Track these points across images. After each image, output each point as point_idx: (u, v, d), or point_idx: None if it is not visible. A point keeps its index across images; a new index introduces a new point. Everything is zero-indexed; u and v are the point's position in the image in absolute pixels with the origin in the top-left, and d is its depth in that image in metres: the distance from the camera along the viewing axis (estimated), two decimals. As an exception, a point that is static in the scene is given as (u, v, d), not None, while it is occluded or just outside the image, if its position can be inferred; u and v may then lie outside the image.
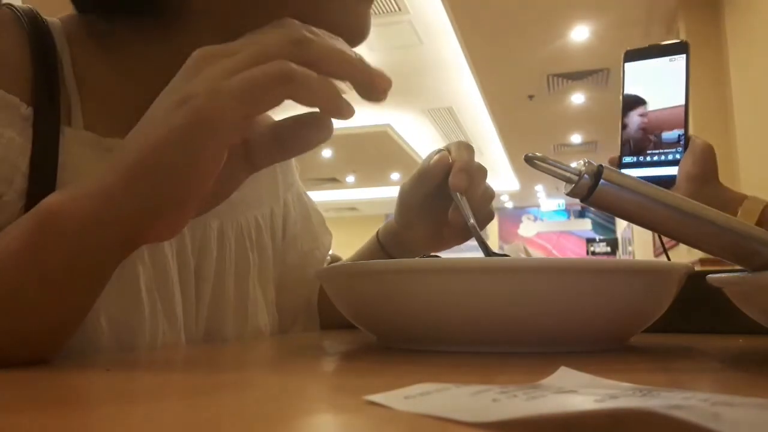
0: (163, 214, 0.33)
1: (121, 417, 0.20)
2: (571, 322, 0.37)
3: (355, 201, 11.29)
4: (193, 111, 0.32)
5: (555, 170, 0.37)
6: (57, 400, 0.24)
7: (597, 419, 0.17)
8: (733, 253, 0.36)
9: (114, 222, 0.33)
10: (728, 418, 0.14)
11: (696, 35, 3.54)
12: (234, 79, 0.32)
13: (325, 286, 0.45)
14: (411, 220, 0.65)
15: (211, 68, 0.33)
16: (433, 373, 0.31)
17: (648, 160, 0.70)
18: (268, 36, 0.34)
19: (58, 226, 0.32)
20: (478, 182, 0.58)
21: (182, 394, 0.25)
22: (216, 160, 0.33)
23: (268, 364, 0.40)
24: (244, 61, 0.33)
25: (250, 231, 0.59)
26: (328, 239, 0.73)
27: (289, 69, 0.32)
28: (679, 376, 0.30)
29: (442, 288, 0.36)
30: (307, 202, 0.71)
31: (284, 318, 0.65)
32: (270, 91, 0.32)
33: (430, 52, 4.96)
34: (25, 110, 0.42)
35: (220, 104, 0.32)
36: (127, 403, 0.23)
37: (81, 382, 0.30)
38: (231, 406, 0.21)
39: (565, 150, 7.57)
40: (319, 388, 0.28)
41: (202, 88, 0.32)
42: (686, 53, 0.69)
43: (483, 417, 0.16)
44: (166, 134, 0.32)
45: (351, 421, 0.19)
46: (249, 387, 0.27)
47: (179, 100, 0.32)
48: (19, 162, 0.41)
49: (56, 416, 0.19)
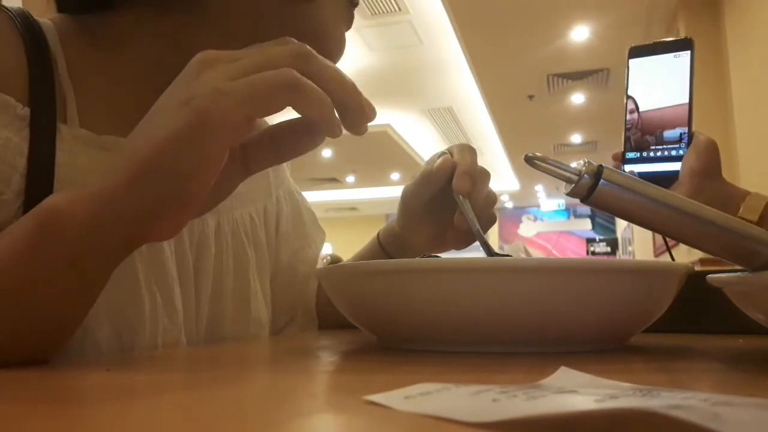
0: (165, 215, 0.33)
1: (121, 417, 0.20)
2: (571, 322, 0.37)
3: (355, 201, 11.28)
4: (196, 111, 0.32)
5: (555, 170, 0.37)
6: (57, 400, 0.24)
7: (597, 419, 0.17)
8: (733, 253, 0.36)
9: (115, 222, 0.33)
10: (728, 418, 0.14)
11: (696, 35, 3.51)
12: (239, 81, 0.32)
13: (325, 286, 0.45)
14: (413, 223, 0.65)
15: (214, 71, 0.33)
16: (433, 373, 0.31)
17: (651, 156, 0.70)
18: (273, 47, 0.35)
19: (60, 226, 0.32)
20: (482, 186, 0.58)
21: (181, 394, 0.25)
22: (218, 161, 0.33)
23: (267, 363, 0.40)
24: (249, 67, 0.33)
25: (245, 226, 0.59)
26: (321, 237, 0.73)
27: (295, 77, 0.33)
28: (679, 376, 0.30)
29: (442, 288, 0.36)
30: (299, 200, 0.71)
31: (276, 315, 0.65)
32: (274, 96, 0.33)
33: (430, 52, 4.96)
34: (21, 110, 0.42)
35: (223, 105, 0.32)
36: (126, 403, 0.23)
37: (81, 382, 0.30)
38: (230, 406, 0.21)
39: (565, 150, 7.57)
40: (319, 388, 0.28)
41: (207, 89, 0.32)
42: (691, 50, 0.69)
43: (483, 417, 0.16)
44: (170, 134, 0.32)
45: (351, 421, 0.19)
46: (248, 386, 0.27)
47: (182, 100, 0.33)
48: (16, 162, 0.41)
49: (58, 417, 0.19)
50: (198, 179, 0.33)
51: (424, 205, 0.63)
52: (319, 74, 0.34)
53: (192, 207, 0.34)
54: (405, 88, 5.71)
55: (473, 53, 4.68)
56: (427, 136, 7.33)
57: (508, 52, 4.67)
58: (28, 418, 0.19)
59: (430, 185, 0.60)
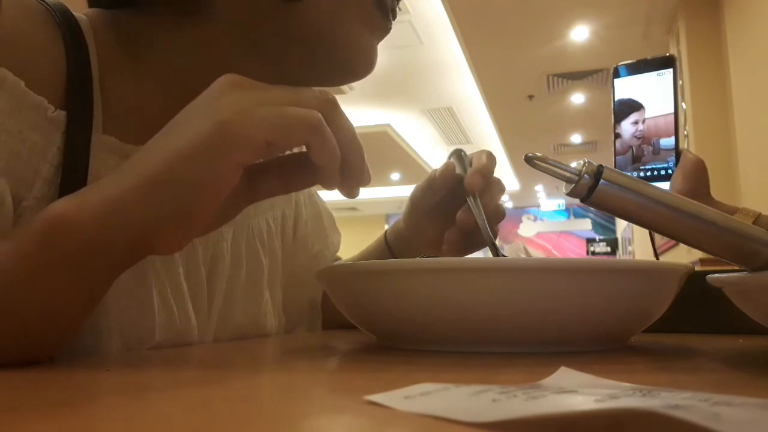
0: (172, 226, 0.34)
1: (122, 416, 0.20)
2: (571, 322, 0.37)
3: (355, 201, 11.22)
4: (219, 126, 0.32)
5: (555, 170, 0.37)
6: (62, 401, 0.24)
7: (597, 419, 0.17)
8: (733, 253, 0.36)
9: (121, 229, 0.33)
10: (728, 418, 0.14)
11: (696, 35, 3.54)
12: (266, 107, 0.33)
13: (326, 286, 0.45)
14: (418, 224, 0.66)
15: (243, 93, 0.34)
16: (433, 373, 0.31)
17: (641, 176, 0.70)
18: (304, 90, 0.36)
19: (65, 232, 0.32)
20: (494, 191, 0.59)
21: (180, 393, 0.25)
22: (231, 179, 0.34)
23: (267, 363, 0.40)
24: (277, 99, 0.34)
25: (262, 235, 0.59)
26: (338, 239, 0.73)
27: (319, 120, 0.34)
28: (679, 376, 0.30)
29: (442, 288, 0.36)
30: (318, 202, 0.72)
31: (290, 318, 0.65)
32: (296, 130, 0.34)
33: (430, 52, 4.96)
34: (53, 113, 0.40)
35: (248, 125, 0.33)
36: (124, 402, 0.23)
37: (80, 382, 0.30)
38: (230, 406, 0.21)
39: (565, 150, 7.56)
40: (319, 388, 0.28)
41: (233, 107, 0.33)
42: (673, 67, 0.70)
43: (483, 417, 0.16)
44: (189, 146, 0.32)
45: (351, 421, 0.19)
46: (248, 386, 0.27)
47: (207, 114, 0.33)
48: (40, 166, 0.40)
49: (63, 418, 0.19)
50: (209, 194, 0.33)
51: (431, 209, 0.64)
52: (338, 128, 0.36)
53: (199, 222, 0.34)
54: (405, 88, 5.71)
55: (473, 53, 4.68)
56: (427, 136, 7.32)
57: (508, 52, 4.66)
58: (36, 421, 0.19)
59: (434, 190, 0.62)
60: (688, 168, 0.68)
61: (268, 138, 0.33)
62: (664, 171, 0.69)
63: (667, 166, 0.69)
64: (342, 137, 0.36)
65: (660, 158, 0.70)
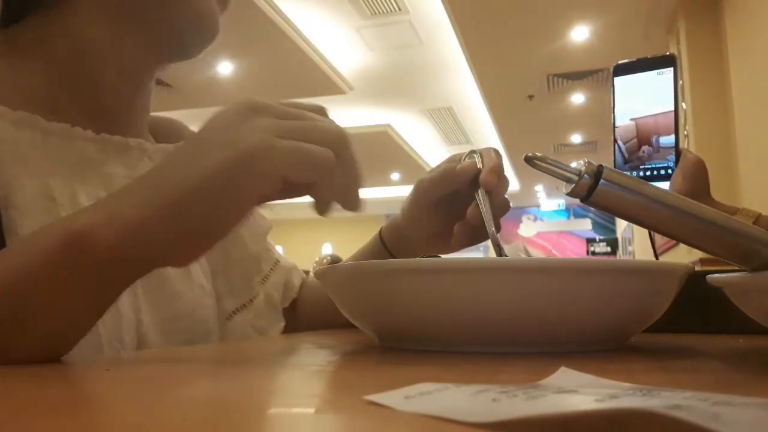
0: (190, 243, 0.35)
1: (122, 416, 0.20)
2: (571, 322, 0.37)
3: (354, 201, 11.24)
4: (243, 155, 0.33)
5: (555, 170, 0.37)
6: (62, 401, 0.24)
7: (597, 419, 0.17)
8: (733, 253, 0.36)
9: (142, 250, 0.34)
10: (728, 418, 0.14)
11: (696, 35, 3.54)
12: (287, 141, 0.34)
13: (325, 286, 0.45)
14: (419, 216, 0.66)
15: (264, 121, 0.35)
16: (433, 373, 0.31)
17: (640, 176, 0.70)
18: (322, 122, 0.37)
19: (86, 249, 0.33)
20: (501, 189, 0.60)
21: (180, 393, 0.25)
22: (249, 207, 0.35)
23: (267, 363, 0.40)
24: (296, 133, 0.35)
25: None
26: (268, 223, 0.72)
27: (333, 163, 0.35)
28: (679, 376, 0.30)
29: (442, 288, 0.36)
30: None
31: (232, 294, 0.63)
32: (311, 170, 0.35)
33: (430, 52, 4.96)
34: None
35: (268, 162, 0.34)
36: (123, 402, 0.23)
37: (87, 383, 0.30)
38: (229, 405, 0.21)
39: (565, 150, 7.56)
40: (319, 387, 0.28)
41: (257, 137, 0.34)
42: (674, 66, 0.69)
43: (483, 417, 0.16)
44: (215, 173, 0.34)
45: (351, 421, 0.19)
46: (248, 386, 0.27)
47: (229, 142, 0.34)
48: None
49: (63, 418, 0.19)
50: (229, 218, 0.35)
51: (435, 201, 0.64)
52: (346, 164, 0.37)
53: (215, 240, 0.36)
54: (405, 88, 5.71)
55: (473, 53, 4.68)
56: (427, 136, 7.33)
57: (508, 52, 4.67)
58: (31, 419, 0.19)
59: (450, 182, 0.61)
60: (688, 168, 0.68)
61: (285, 175, 0.34)
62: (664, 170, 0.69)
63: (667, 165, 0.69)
64: (347, 171, 0.37)
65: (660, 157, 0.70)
